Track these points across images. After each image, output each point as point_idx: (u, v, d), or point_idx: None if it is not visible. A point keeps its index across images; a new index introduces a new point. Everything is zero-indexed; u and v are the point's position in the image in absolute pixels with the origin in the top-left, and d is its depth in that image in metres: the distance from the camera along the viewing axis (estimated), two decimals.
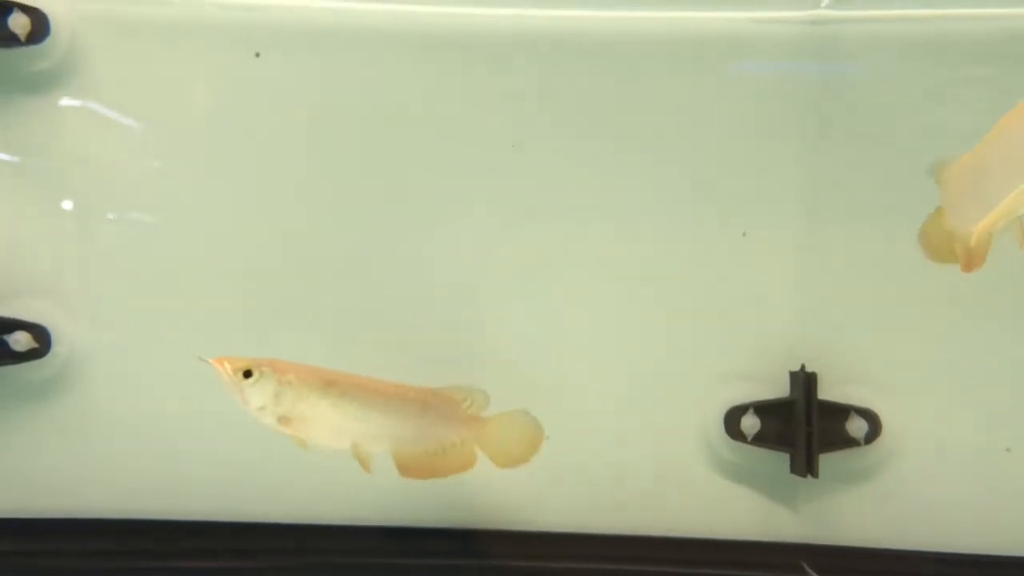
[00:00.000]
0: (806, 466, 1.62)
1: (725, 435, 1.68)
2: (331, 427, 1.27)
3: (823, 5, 1.66)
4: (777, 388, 1.71)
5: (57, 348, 1.67)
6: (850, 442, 1.65)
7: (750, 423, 1.67)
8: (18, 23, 1.63)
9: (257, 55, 1.71)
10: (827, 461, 1.64)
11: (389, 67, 1.71)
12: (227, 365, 1.24)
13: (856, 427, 1.64)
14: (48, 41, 1.65)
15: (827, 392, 1.67)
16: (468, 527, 1.73)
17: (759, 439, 1.67)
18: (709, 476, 1.72)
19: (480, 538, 1.73)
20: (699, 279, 1.72)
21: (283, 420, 1.25)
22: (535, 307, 1.73)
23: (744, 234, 1.72)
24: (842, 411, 1.65)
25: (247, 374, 1.24)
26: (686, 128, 1.71)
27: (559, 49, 1.70)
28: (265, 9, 1.71)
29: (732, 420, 1.68)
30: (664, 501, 1.72)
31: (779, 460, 1.69)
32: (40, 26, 1.64)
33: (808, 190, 1.70)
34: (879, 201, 1.68)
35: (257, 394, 1.24)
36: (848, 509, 1.69)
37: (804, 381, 1.64)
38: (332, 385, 1.27)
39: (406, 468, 1.31)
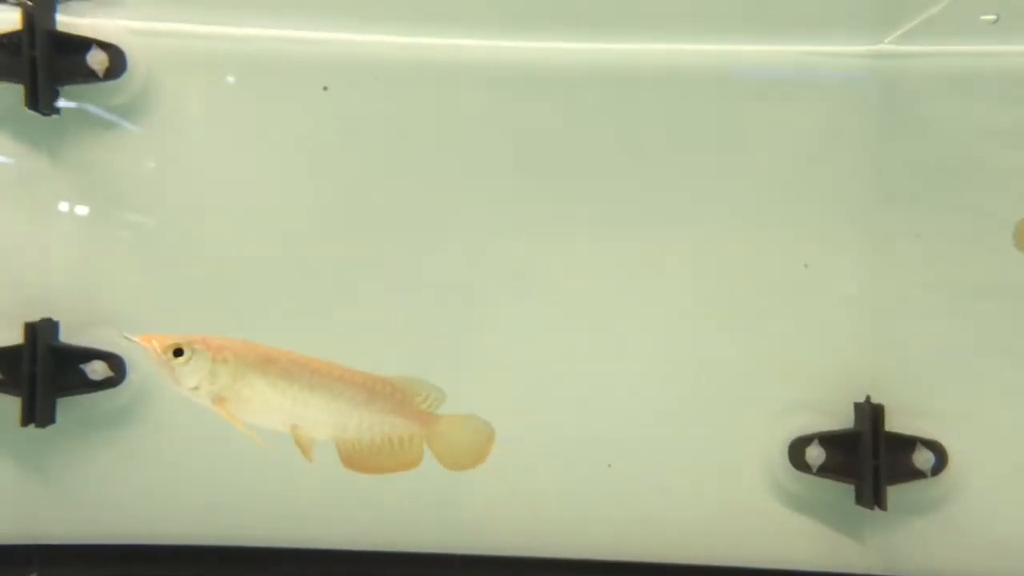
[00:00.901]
0: (873, 498, 1.62)
1: (789, 465, 1.69)
2: (270, 407, 1.19)
3: (887, 40, 1.67)
4: (838, 419, 1.71)
5: (132, 376, 1.71)
6: (916, 474, 1.65)
7: (815, 454, 1.67)
8: (97, 59, 1.67)
9: (325, 88, 1.74)
10: (892, 492, 1.64)
11: (450, 98, 1.75)
12: (155, 343, 1.16)
13: (923, 459, 1.64)
14: (125, 76, 1.69)
15: (890, 423, 1.66)
16: (519, 555, 1.75)
17: (824, 470, 1.67)
18: (772, 506, 1.72)
19: (535, 565, 1.75)
20: (760, 310, 1.74)
21: (218, 400, 1.17)
22: (601, 335, 1.74)
23: (806, 265, 1.73)
24: (908, 443, 1.65)
25: (178, 352, 1.15)
26: (747, 160, 1.73)
27: (619, 80, 1.73)
28: (332, 44, 1.75)
29: (796, 451, 1.68)
30: (727, 530, 1.73)
31: (843, 490, 1.69)
32: (117, 62, 1.68)
33: (871, 222, 1.71)
34: (944, 232, 1.69)
35: (190, 373, 1.16)
36: (915, 541, 1.68)
37: (871, 413, 1.64)
38: (271, 363, 1.19)
39: (349, 459, 1.22)
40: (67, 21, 1.69)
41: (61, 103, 1.70)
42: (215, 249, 1.75)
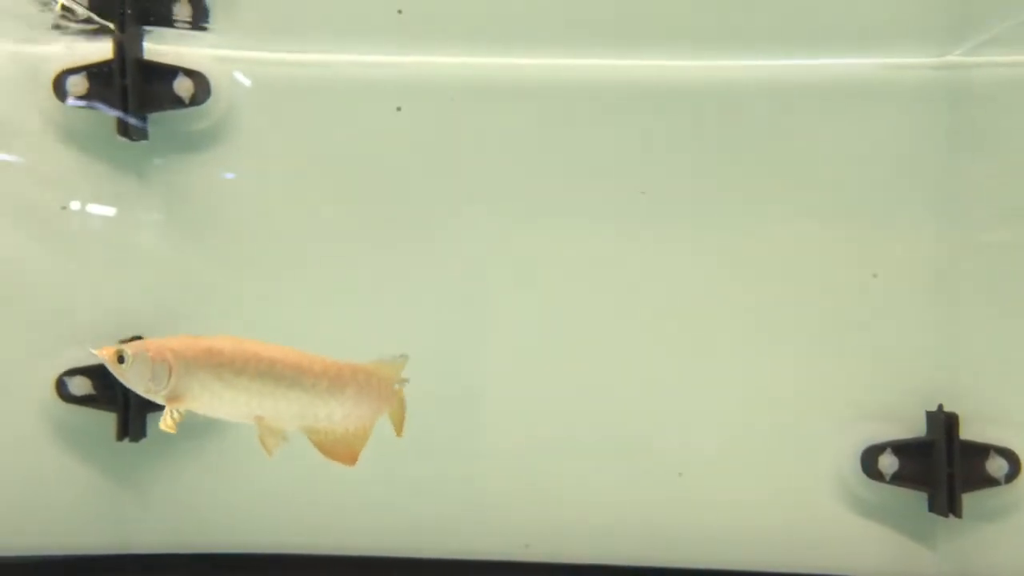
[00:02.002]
0: (948, 506, 1.64)
1: (860, 474, 1.71)
2: (223, 401, 1.18)
3: (956, 52, 1.69)
4: (908, 426, 1.73)
5: None
6: (990, 481, 1.66)
7: (888, 462, 1.69)
8: (183, 86, 1.74)
9: (398, 109, 1.79)
10: (965, 499, 1.65)
11: (522, 118, 1.79)
12: (106, 352, 1.19)
13: (996, 466, 1.66)
14: (209, 102, 1.75)
15: (961, 430, 1.68)
16: (587, 562, 1.78)
17: (897, 478, 1.69)
18: (844, 514, 1.74)
19: (603, 572, 1.78)
20: (831, 319, 1.76)
21: (171, 399, 1.18)
22: (667, 345, 1.78)
23: (875, 275, 1.75)
24: (982, 450, 1.67)
25: (120, 359, 1.18)
26: (815, 172, 1.75)
27: (687, 96, 1.76)
28: (405, 66, 1.79)
29: (869, 459, 1.70)
30: (799, 538, 1.75)
31: (914, 498, 1.71)
32: (202, 89, 1.74)
33: (941, 231, 1.72)
34: (1014, 240, 1.71)
35: (136, 377, 1.18)
36: (987, 547, 1.70)
37: (945, 421, 1.66)
38: (216, 356, 1.18)
39: (326, 450, 1.21)
40: (153, 49, 1.75)
41: (149, 128, 1.76)
42: (296, 267, 1.80)
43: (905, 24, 1.68)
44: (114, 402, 1.71)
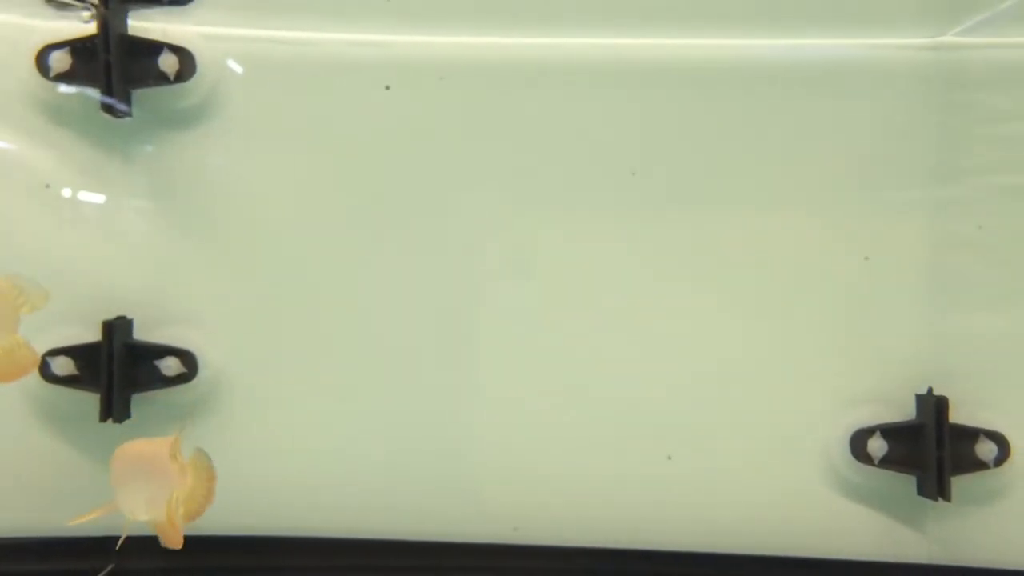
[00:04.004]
0: (937, 490, 1.63)
1: (849, 457, 1.70)
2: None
3: (951, 33, 1.68)
4: (898, 410, 1.72)
5: (203, 372, 1.74)
6: (979, 465, 1.66)
7: (877, 446, 1.69)
8: (167, 63, 1.71)
9: (387, 88, 1.77)
10: (955, 482, 1.65)
11: (511, 97, 1.77)
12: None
13: (986, 450, 1.65)
14: (194, 79, 1.72)
15: (951, 414, 1.67)
16: (581, 546, 1.77)
17: (886, 462, 1.68)
18: (833, 498, 1.74)
19: (595, 555, 1.77)
20: (820, 302, 1.75)
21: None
22: (657, 328, 1.77)
23: (866, 258, 1.74)
24: (971, 434, 1.67)
25: None
26: (805, 154, 1.74)
27: (678, 77, 1.74)
28: (395, 45, 1.77)
29: (858, 443, 1.70)
30: (789, 522, 1.75)
31: (904, 481, 1.71)
32: (187, 65, 1.71)
33: (932, 214, 1.72)
34: (1006, 224, 1.70)
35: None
36: (976, 530, 1.70)
37: (934, 405, 1.65)
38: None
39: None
40: (138, 25, 1.73)
41: (133, 105, 1.74)
42: (283, 248, 1.78)
43: (898, 4, 1.68)
44: (97, 383, 1.69)
